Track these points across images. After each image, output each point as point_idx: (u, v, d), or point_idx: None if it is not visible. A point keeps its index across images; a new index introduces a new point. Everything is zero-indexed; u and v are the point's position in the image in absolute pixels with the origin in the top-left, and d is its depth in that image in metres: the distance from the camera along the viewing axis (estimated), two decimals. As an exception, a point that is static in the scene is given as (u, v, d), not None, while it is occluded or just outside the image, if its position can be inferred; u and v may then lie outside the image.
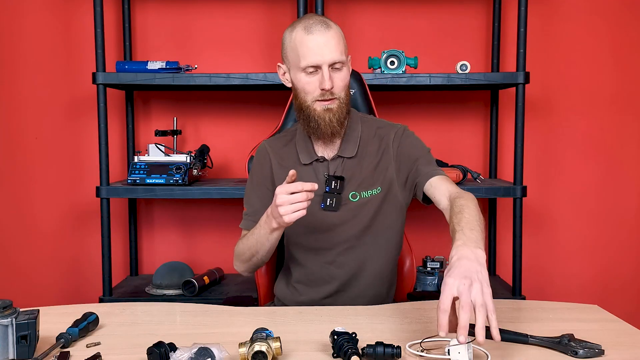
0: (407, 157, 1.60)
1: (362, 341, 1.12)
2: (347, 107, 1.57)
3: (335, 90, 1.52)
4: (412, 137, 1.65)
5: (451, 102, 2.70)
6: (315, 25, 1.50)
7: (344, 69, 1.53)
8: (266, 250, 1.55)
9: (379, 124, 1.67)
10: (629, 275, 2.77)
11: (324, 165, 1.61)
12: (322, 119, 1.53)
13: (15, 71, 2.64)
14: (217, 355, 1.04)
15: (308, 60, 1.50)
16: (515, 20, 2.44)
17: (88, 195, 2.63)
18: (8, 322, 1.09)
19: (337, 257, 1.61)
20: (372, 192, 1.59)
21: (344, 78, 1.54)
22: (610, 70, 2.69)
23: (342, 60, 1.51)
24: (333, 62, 1.50)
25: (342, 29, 1.57)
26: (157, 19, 2.65)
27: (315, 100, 1.53)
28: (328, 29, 1.50)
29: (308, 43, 1.49)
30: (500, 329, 1.23)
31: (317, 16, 1.55)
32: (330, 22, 1.54)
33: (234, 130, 2.68)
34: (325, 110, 1.53)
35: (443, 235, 2.73)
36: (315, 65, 1.50)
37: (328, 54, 1.49)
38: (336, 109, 1.53)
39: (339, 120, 1.54)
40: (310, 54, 1.49)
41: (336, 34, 1.51)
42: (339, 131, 1.57)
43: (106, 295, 2.35)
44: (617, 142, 2.72)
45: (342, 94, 1.54)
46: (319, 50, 1.49)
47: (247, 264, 1.62)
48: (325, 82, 1.49)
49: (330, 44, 1.49)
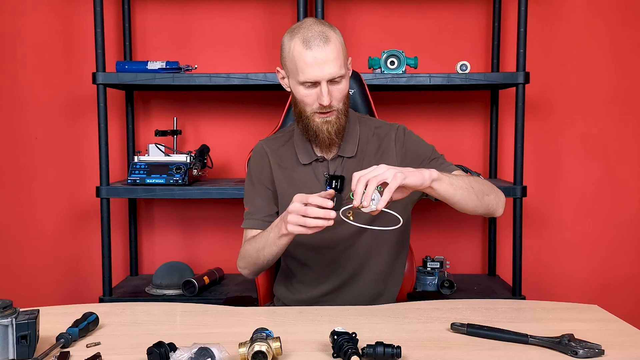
0: (415, 155, 1.61)
1: (362, 341, 1.12)
2: (345, 115, 1.57)
3: (334, 103, 1.52)
4: (414, 137, 1.66)
5: (451, 102, 2.70)
6: (314, 40, 1.47)
7: (342, 81, 1.51)
8: (273, 254, 1.54)
9: (377, 124, 1.68)
10: (629, 275, 2.77)
11: (323, 165, 1.61)
12: (321, 131, 1.54)
13: (15, 71, 2.64)
14: (217, 355, 1.04)
15: (307, 75, 1.48)
16: (515, 20, 2.44)
17: (88, 195, 2.63)
18: (8, 322, 1.09)
19: (338, 256, 1.61)
20: None
21: (343, 90, 1.53)
22: (610, 70, 2.69)
23: (341, 75, 1.50)
24: (332, 78, 1.49)
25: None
26: (157, 19, 2.65)
27: (314, 112, 1.53)
28: (327, 44, 1.47)
29: (306, 58, 1.47)
30: (500, 329, 1.23)
31: (317, 25, 1.50)
32: (331, 32, 1.49)
33: (234, 130, 2.68)
34: (324, 123, 1.53)
35: (443, 235, 2.73)
36: (314, 81, 1.49)
37: (327, 70, 1.47)
38: (334, 120, 1.53)
39: (337, 131, 1.55)
40: (309, 69, 1.47)
41: (335, 47, 1.48)
42: (336, 142, 1.57)
43: (106, 295, 2.35)
44: (617, 142, 2.72)
45: (341, 105, 1.54)
46: (317, 66, 1.47)
47: (251, 266, 1.62)
48: (324, 99, 1.49)
49: (330, 59, 1.47)
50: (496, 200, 1.54)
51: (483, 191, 1.50)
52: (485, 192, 1.51)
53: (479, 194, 1.48)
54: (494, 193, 1.54)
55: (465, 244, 2.76)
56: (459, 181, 1.45)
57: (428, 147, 1.65)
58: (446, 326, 1.29)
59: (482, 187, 1.51)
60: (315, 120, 1.53)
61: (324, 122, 1.53)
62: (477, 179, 1.52)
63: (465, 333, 1.24)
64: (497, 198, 1.55)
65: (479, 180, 1.52)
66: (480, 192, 1.49)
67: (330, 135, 1.54)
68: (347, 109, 1.58)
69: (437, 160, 1.63)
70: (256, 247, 1.57)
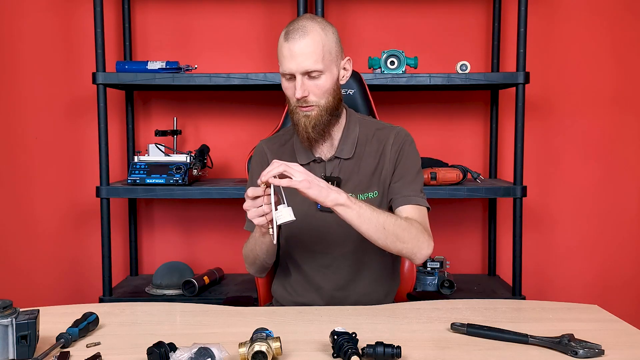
0: (400, 168, 1.59)
1: (362, 341, 1.12)
2: (329, 113, 1.53)
3: (312, 98, 1.50)
4: (411, 149, 1.61)
5: (451, 102, 2.70)
6: (293, 32, 1.47)
7: (322, 77, 1.49)
8: (264, 252, 1.55)
9: (378, 126, 1.66)
10: (629, 275, 2.77)
11: (321, 165, 1.61)
12: (300, 125, 1.53)
13: (15, 71, 2.64)
14: (217, 355, 1.04)
15: (283, 67, 1.49)
16: (515, 20, 2.43)
17: (88, 195, 2.63)
18: (8, 322, 1.09)
19: (334, 261, 1.59)
20: (369, 195, 1.58)
21: (322, 86, 1.50)
22: (610, 70, 2.69)
23: (318, 69, 1.48)
24: (306, 72, 1.48)
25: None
26: (157, 19, 2.65)
27: (296, 106, 1.52)
28: (304, 37, 1.46)
29: (283, 50, 1.48)
30: (500, 329, 1.23)
31: (304, 20, 1.50)
32: (315, 27, 1.48)
33: (234, 130, 2.68)
34: (303, 117, 1.52)
35: (443, 236, 2.73)
36: (290, 73, 1.49)
37: (301, 63, 1.46)
38: (315, 115, 1.52)
39: (315, 127, 1.52)
40: (285, 61, 1.48)
41: (313, 41, 1.46)
42: (314, 138, 1.54)
43: (106, 295, 2.35)
44: (617, 142, 2.72)
45: (322, 101, 1.52)
46: (292, 58, 1.47)
47: (253, 266, 1.64)
48: (297, 92, 1.48)
49: (305, 52, 1.46)
50: (412, 250, 1.48)
51: (398, 237, 1.44)
52: (401, 239, 1.45)
53: (390, 237, 1.44)
54: (413, 242, 1.46)
55: (465, 244, 2.76)
56: (374, 217, 1.41)
57: (414, 168, 1.60)
58: (446, 326, 1.29)
59: (400, 233, 1.44)
60: (297, 113, 1.53)
61: (303, 115, 1.52)
62: (403, 225, 1.45)
63: (465, 333, 1.24)
64: (416, 248, 1.48)
65: (404, 227, 1.45)
66: (393, 236, 1.44)
67: (306, 130, 1.52)
68: (334, 107, 1.54)
69: (405, 185, 1.57)
70: (249, 246, 1.59)
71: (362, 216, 1.40)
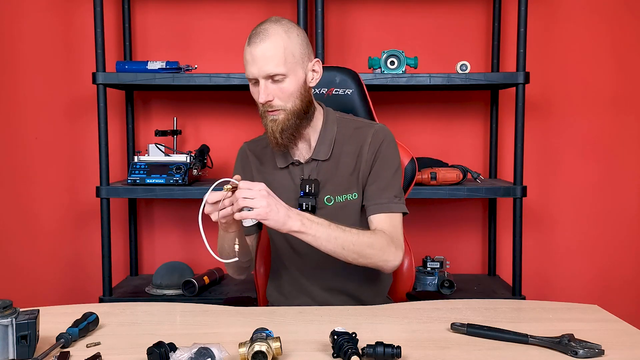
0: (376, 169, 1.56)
1: (362, 341, 1.12)
2: (297, 117, 1.50)
3: (277, 102, 1.48)
4: (389, 150, 1.57)
5: (451, 102, 2.70)
6: (255, 36, 1.46)
7: (285, 80, 1.46)
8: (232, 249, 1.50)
9: (357, 124, 1.62)
10: (629, 275, 2.77)
11: (299, 168, 1.58)
12: (267, 129, 1.52)
13: (15, 71, 2.64)
14: (217, 355, 1.04)
15: (247, 71, 1.48)
16: (515, 20, 2.43)
17: (88, 195, 2.63)
18: (8, 322, 1.09)
19: (320, 264, 1.57)
20: (348, 197, 1.56)
21: (286, 89, 1.47)
22: (610, 70, 2.69)
23: (280, 72, 1.44)
24: (268, 75, 1.46)
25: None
26: (157, 19, 2.65)
27: (264, 110, 1.51)
28: (264, 40, 1.44)
29: (246, 54, 1.47)
30: (500, 329, 1.23)
31: (266, 23, 1.49)
32: (276, 29, 1.46)
33: (234, 130, 2.68)
34: (270, 121, 1.50)
35: (443, 235, 2.73)
36: (253, 78, 1.48)
37: (262, 67, 1.45)
38: (282, 120, 1.49)
39: (283, 132, 1.50)
40: (248, 66, 1.47)
41: (274, 45, 1.44)
42: (282, 143, 1.52)
43: (106, 295, 2.35)
44: (617, 142, 2.72)
45: (289, 105, 1.49)
46: (254, 63, 1.45)
47: (229, 266, 1.62)
48: (259, 96, 1.47)
49: (266, 56, 1.44)
50: (377, 264, 1.48)
51: (359, 254, 1.44)
52: (363, 255, 1.45)
53: (350, 255, 1.44)
54: (377, 257, 1.46)
55: (465, 244, 2.76)
56: (332, 238, 1.41)
57: (390, 170, 1.56)
58: (446, 326, 1.29)
59: (361, 251, 1.44)
60: (265, 117, 1.52)
61: (270, 120, 1.51)
62: (365, 242, 1.44)
63: (465, 333, 1.24)
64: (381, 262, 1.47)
65: (366, 243, 1.44)
66: (354, 254, 1.44)
67: (274, 135, 1.50)
68: (302, 110, 1.51)
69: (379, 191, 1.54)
70: (219, 247, 1.57)
71: (319, 239, 1.40)
